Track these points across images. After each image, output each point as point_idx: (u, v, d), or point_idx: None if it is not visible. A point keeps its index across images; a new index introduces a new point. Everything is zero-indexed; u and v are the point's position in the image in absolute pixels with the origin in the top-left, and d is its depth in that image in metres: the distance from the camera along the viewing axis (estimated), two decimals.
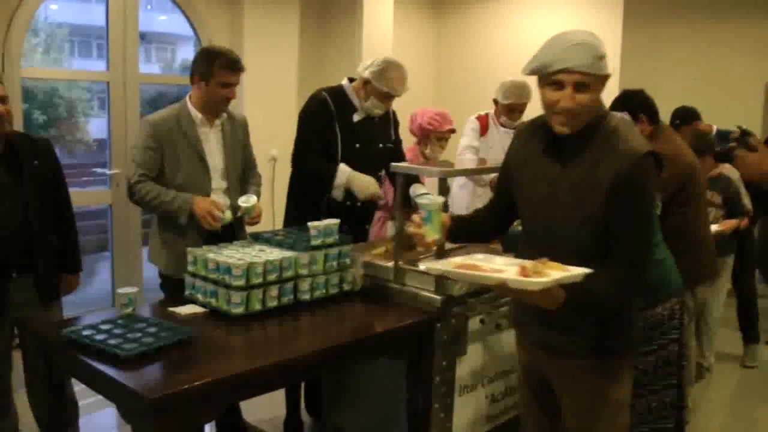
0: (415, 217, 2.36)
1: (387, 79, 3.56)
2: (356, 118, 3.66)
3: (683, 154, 3.45)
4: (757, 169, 4.72)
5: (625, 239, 2.06)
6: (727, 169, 4.48)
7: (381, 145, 3.79)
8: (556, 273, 1.89)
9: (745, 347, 4.98)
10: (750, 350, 4.96)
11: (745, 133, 4.82)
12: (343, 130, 3.60)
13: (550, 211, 2.16)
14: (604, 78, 2.09)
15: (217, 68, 3.19)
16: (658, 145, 3.23)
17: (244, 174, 3.48)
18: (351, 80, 3.72)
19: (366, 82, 3.59)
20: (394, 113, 3.89)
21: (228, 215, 3.16)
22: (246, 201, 3.19)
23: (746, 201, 4.43)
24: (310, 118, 3.63)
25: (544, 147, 2.21)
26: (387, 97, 3.62)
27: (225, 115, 3.36)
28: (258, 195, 3.45)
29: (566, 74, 2.04)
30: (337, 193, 3.54)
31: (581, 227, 2.10)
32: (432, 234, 2.32)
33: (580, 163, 2.11)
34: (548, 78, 2.08)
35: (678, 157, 3.38)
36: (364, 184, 3.53)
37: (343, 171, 3.53)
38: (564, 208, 2.13)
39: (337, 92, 3.66)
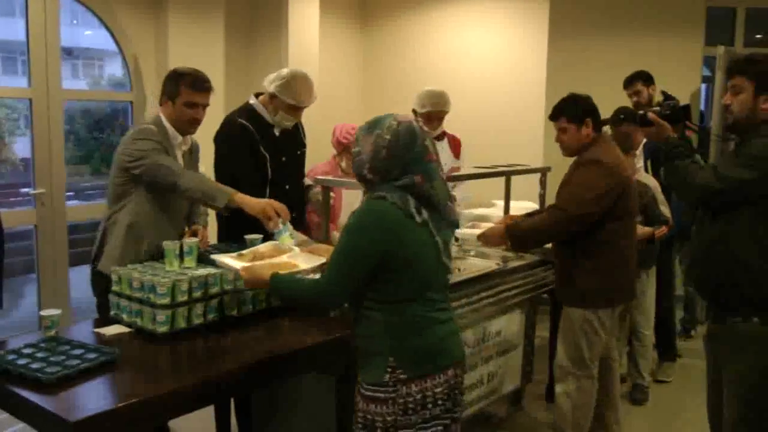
0: None
1: (293, 92, 3.58)
2: (277, 132, 3.69)
3: (622, 167, 3.44)
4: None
5: None
6: (644, 177, 4.46)
7: (299, 152, 3.87)
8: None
9: (660, 363, 4.94)
10: (665, 366, 4.95)
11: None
12: (268, 148, 3.62)
13: None
14: None
15: (183, 87, 3.19)
16: (599, 152, 3.36)
17: None
18: (257, 95, 3.74)
19: (273, 96, 3.61)
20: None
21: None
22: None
23: (664, 209, 4.38)
24: (237, 148, 3.60)
25: None
26: (295, 110, 3.65)
27: (190, 139, 3.35)
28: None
29: None
30: None
31: None
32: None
33: None
34: None
35: (618, 168, 3.38)
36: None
37: None
38: None
39: (250, 114, 3.67)
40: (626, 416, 4.34)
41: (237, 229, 3.30)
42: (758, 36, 7.32)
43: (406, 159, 2.26)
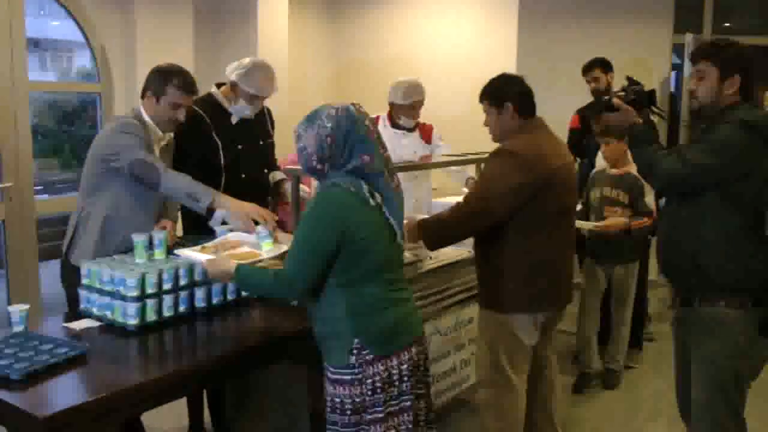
0: None
1: (253, 81, 3.58)
2: (234, 120, 3.68)
3: (546, 160, 2.96)
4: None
5: None
6: (635, 168, 4.37)
7: (262, 142, 3.83)
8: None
9: (628, 350, 4.81)
10: (632, 353, 4.92)
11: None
12: (222, 135, 3.60)
13: None
14: None
15: (171, 88, 3.16)
16: (519, 142, 2.99)
17: None
18: (219, 86, 3.74)
19: (234, 85, 3.61)
20: (269, 110, 3.93)
21: None
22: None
23: (648, 200, 4.23)
24: (184, 136, 3.55)
25: None
26: (255, 99, 3.64)
27: (167, 134, 3.33)
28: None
29: None
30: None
31: None
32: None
33: None
34: None
35: (538, 162, 2.93)
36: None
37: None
38: None
39: (207, 101, 3.67)
40: (599, 401, 4.43)
41: (204, 220, 3.29)
42: (726, 24, 7.40)
43: (350, 142, 2.33)
